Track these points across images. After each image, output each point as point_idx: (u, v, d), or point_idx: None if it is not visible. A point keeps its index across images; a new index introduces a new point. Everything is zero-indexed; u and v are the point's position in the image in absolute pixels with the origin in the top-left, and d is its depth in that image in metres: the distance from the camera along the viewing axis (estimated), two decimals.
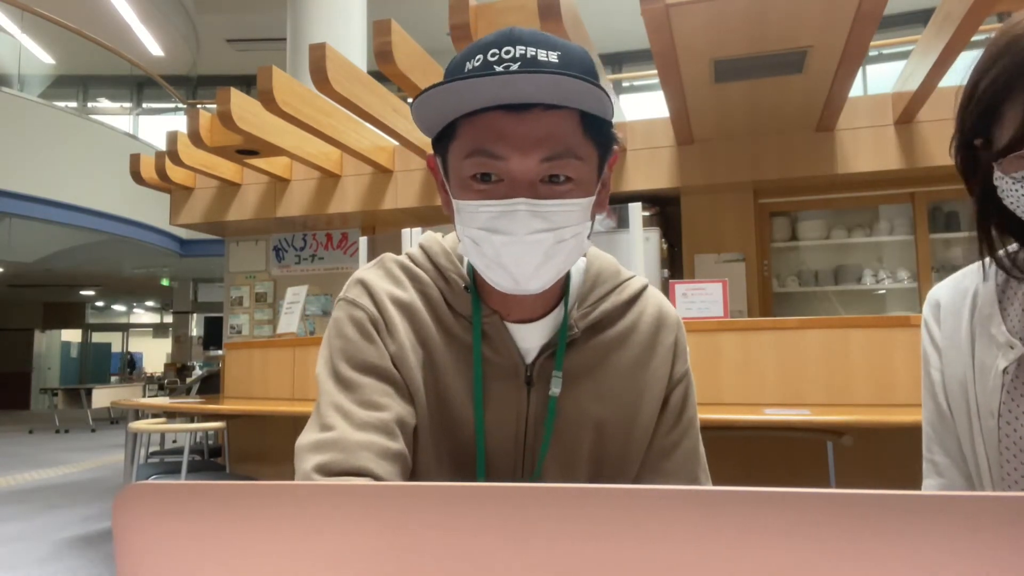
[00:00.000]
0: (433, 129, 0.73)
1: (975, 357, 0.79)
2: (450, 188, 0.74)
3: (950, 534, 0.28)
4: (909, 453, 1.10)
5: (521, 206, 0.68)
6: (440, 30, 5.61)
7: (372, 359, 0.78)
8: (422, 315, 0.81)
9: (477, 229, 0.70)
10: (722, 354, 2.92)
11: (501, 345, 0.79)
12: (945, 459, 0.82)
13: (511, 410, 0.79)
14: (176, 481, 0.35)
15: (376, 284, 0.82)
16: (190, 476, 3.54)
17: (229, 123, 4.28)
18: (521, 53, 0.68)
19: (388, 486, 0.33)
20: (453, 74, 0.71)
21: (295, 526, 0.33)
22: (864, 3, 2.93)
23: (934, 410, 0.84)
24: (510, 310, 0.79)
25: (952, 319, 0.83)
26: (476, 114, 0.69)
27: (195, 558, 0.34)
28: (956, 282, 0.86)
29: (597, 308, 0.81)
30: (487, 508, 0.31)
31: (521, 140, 0.68)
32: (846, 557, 0.28)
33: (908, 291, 5.04)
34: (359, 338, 0.79)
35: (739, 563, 0.29)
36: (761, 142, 4.74)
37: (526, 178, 0.69)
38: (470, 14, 3.19)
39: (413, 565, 0.32)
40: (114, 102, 13.09)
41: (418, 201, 5.49)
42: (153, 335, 22.96)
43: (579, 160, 0.70)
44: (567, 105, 0.68)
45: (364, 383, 0.76)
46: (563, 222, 0.70)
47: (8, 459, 7.80)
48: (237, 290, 6.66)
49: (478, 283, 0.81)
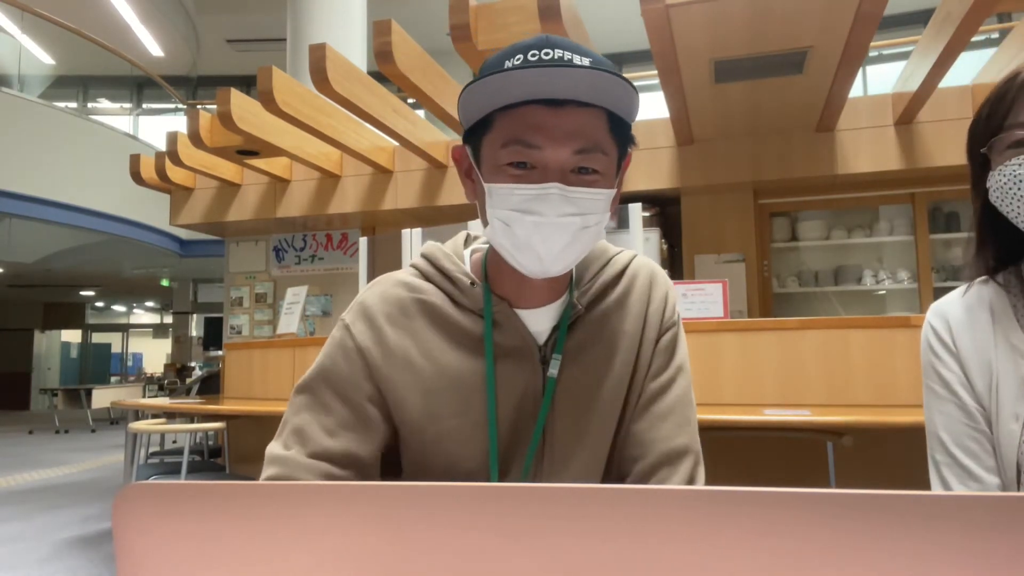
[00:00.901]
0: (470, 121, 0.80)
1: (994, 364, 0.82)
2: (481, 174, 0.79)
3: (950, 534, 0.28)
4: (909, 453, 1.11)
5: (554, 190, 0.74)
6: (440, 30, 5.61)
7: (348, 391, 0.83)
8: (424, 328, 0.85)
9: (509, 210, 0.76)
10: (722, 354, 2.92)
11: (512, 330, 0.84)
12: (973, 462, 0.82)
13: (527, 390, 0.84)
14: (176, 481, 0.35)
15: (374, 306, 0.87)
16: (190, 476, 3.54)
17: (229, 123, 4.28)
18: (559, 56, 0.75)
19: (388, 486, 0.33)
20: (492, 69, 0.76)
21: (295, 526, 0.33)
22: (864, 3, 2.93)
23: (957, 408, 0.85)
24: (520, 298, 0.85)
25: (968, 330, 0.85)
26: (513, 107, 0.76)
27: (195, 558, 0.34)
28: (960, 296, 0.89)
29: (595, 283, 0.88)
30: (487, 508, 0.31)
31: (556, 132, 0.75)
32: (846, 557, 0.28)
33: (908, 291, 5.04)
34: (344, 367, 0.84)
35: (739, 563, 0.29)
36: (761, 142, 4.74)
37: (559, 167, 0.75)
38: (470, 14, 3.19)
39: (413, 565, 0.32)
40: (114, 102, 13.08)
41: (418, 201, 5.49)
42: (153, 335, 22.95)
43: (605, 155, 0.78)
44: (598, 104, 0.76)
45: (334, 408, 0.83)
46: (590, 208, 0.76)
47: (8, 459, 7.80)
48: (237, 290, 6.66)
49: (488, 276, 0.86)
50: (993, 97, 0.84)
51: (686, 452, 0.84)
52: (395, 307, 0.86)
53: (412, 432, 0.84)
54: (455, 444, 0.83)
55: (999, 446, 0.80)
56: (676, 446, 0.84)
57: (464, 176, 0.85)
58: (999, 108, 0.82)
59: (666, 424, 0.85)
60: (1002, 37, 4.67)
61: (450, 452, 0.83)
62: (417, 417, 0.83)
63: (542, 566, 0.30)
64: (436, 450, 0.83)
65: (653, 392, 0.86)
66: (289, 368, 4.18)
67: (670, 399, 0.86)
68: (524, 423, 0.84)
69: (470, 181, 0.84)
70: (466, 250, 0.92)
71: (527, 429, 0.84)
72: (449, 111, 4.14)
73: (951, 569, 0.28)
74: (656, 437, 0.84)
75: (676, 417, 0.85)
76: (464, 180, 0.85)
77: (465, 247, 0.93)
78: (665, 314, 0.90)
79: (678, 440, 0.84)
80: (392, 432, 0.86)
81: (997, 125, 0.81)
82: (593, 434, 0.85)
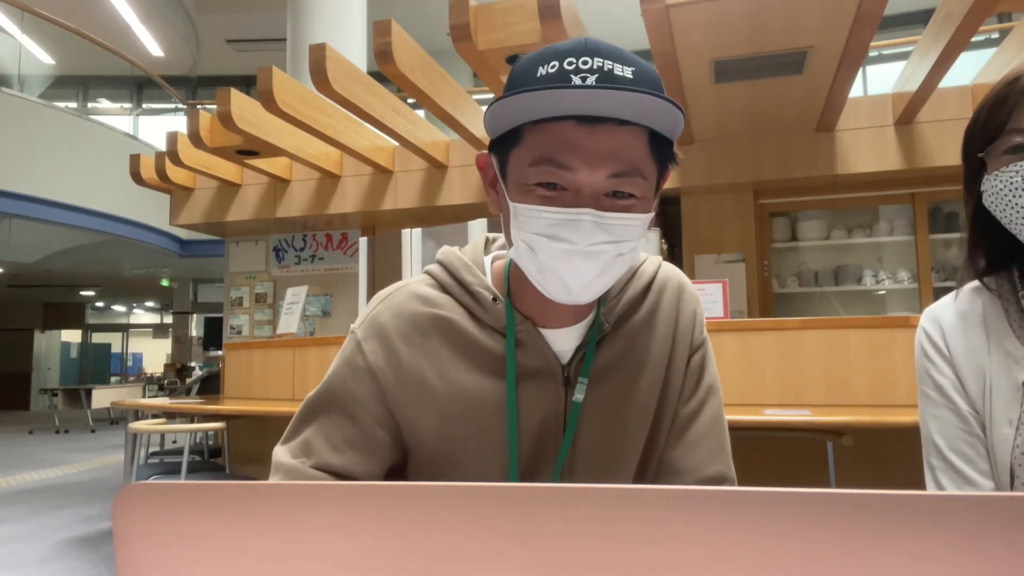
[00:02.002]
0: (498, 131, 0.73)
1: (988, 369, 0.82)
2: (507, 191, 0.73)
3: (950, 534, 0.28)
4: (909, 453, 1.11)
5: (587, 216, 0.68)
6: (440, 30, 5.61)
7: (356, 412, 0.80)
8: (440, 348, 0.81)
9: (535, 234, 0.70)
10: (722, 354, 2.92)
11: (536, 351, 0.79)
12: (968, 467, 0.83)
13: (549, 412, 0.80)
14: (176, 481, 0.35)
15: (388, 324, 0.82)
16: (190, 476, 3.54)
17: (229, 123, 4.28)
18: (599, 65, 0.67)
19: (389, 486, 0.33)
20: (523, 76, 0.71)
21: (295, 526, 0.33)
22: (864, 3, 2.93)
23: (951, 413, 0.85)
24: (545, 317, 0.80)
25: (961, 334, 0.86)
26: (545, 122, 0.69)
27: (195, 558, 0.34)
28: (953, 300, 0.89)
29: (622, 299, 0.83)
30: (487, 508, 0.31)
31: (591, 154, 0.68)
32: (846, 557, 0.28)
33: (908, 291, 5.04)
34: (354, 388, 0.81)
35: (739, 563, 0.29)
36: (761, 142, 4.74)
37: (592, 191, 0.69)
38: (470, 14, 3.19)
39: (413, 565, 0.32)
40: (114, 102, 13.09)
41: (418, 201, 5.49)
42: (153, 335, 22.95)
43: (644, 179, 0.71)
44: (639, 123, 0.69)
45: (341, 425, 0.80)
46: (625, 236, 0.70)
47: (8, 459, 7.80)
48: (237, 290, 6.66)
49: (511, 291, 0.81)
50: (992, 101, 0.82)
51: (722, 481, 0.83)
52: (410, 325, 0.81)
53: (426, 456, 0.81)
54: (472, 467, 0.80)
55: (993, 450, 0.80)
56: (710, 475, 0.82)
57: (488, 186, 0.79)
58: (998, 112, 0.81)
59: (700, 451, 0.82)
60: (1002, 37, 4.67)
61: (466, 475, 0.80)
62: (432, 440, 0.80)
63: (543, 566, 0.30)
64: (452, 473, 0.80)
65: (685, 418, 0.84)
66: (289, 368, 4.18)
67: (702, 424, 0.84)
68: (544, 446, 0.80)
69: (495, 192, 0.78)
70: (487, 256, 0.86)
71: (547, 452, 0.80)
72: (449, 111, 4.14)
73: (951, 569, 0.28)
74: (690, 466, 0.82)
75: (710, 443, 0.83)
76: (488, 190, 0.79)
77: (486, 252, 0.87)
78: (695, 333, 0.86)
79: (712, 469, 0.82)
80: (402, 454, 0.82)
81: (996, 129, 0.81)
82: (618, 459, 0.82)
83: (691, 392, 0.85)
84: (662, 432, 0.84)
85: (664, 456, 0.83)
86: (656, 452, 0.84)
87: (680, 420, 0.84)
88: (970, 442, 0.82)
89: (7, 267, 11.44)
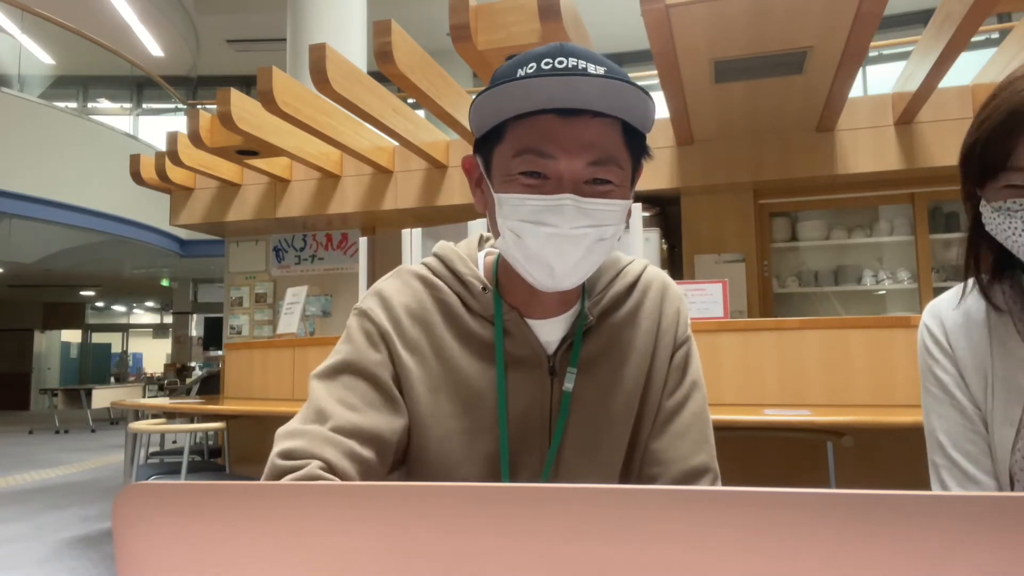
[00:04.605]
0: (482, 130, 0.78)
1: (990, 368, 0.82)
2: (492, 184, 0.78)
3: (950, 534, 0.28)
4: (909, 453, 1.11)
5: (568, 201, 0.73)
6: (440, 30, 5.62)
7: (371, 367, 0.81)
8: (438, 325, 0.84)
9: (520, 221, 0.74)
10: (722, 354, 2.92)
11: (522, 340, 0.83)
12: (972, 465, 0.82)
13: (535, 400, 0.83)
14: (176, 481, 0.35)
15: (393, 296, 0.85)
16: (190, 476, 3.54)
17: (229, 123, 4.28)
18: (573, 64, 0.73)
19: (388, 486, 0.33)
20: (504, 77, 0.74)
21: (295, 526, 0.33)
22: (864, 3, 2.93)
23: (954, 410, 0.84)
24: (531, 308, 0.84)
25: (963, 333, 0.85)
26: (526, 117, 0.74)
27: (195, 558, 0.34)
28: (956, 297, 0.89)
29: (607, 294, 0.87)
30: (487, 508, 0.31)
31: (571, 143, 0.73)
32: (846, 557, 0.28)
33: (908, 292, 5.04)
34: (366, 345, 0.82)
35: (739, 563, 0.29)
36: (761, 142, 4.74)
37: (573, 178, 0.74)
38: (470, 14, 3.19)
39: (413, 565, 0.32)
40: (114, 102, 13.08)
41: (418, 201, 5.49)
42: (153, 335, 22.95)
43: (620, 168, 0.76)
44: (613, 114, 0.74)
45: (356, 386, 0.80)
46: (605, 220, 0.75)
47: (8, 459, 7.80)
48: (237, 290, 6.66)
49: (499, 283, 0.85)
50: (994, 125, 0.76)
51: (705, 471, 0.84)
52: (412, 299, 0.85)
53: (417, 428, 0.82)
54: (456, 448, 0.81)
55: (993, 448, 0.80)
56: (695, 465, 0.84)
57: (475, 187, 0.83)
58: (999, 145, 0.75)
59: (684, 443, 0.85)
60: (1002, 37, 4.67)
61: (451, 455, 0.82)
62: (424, 413, 0.82)
63: (542, 566, 0.30)
64: (439, 450, 0.82)
65: (669, 410, 0.86)
66: (289, 368, 4.19)
67: (686, 417, 0.86)
68: (529, 434, 0.83)
69: (480, 192, 0.82)
70: (480, 252, 0.91)
71: (531, 440, 0.83)
72: (449, 111, 4.14)
73: (951, 569, 0.28)
74: (674, 456, 0.84)
75: (693, 435, 0.85)
76: (474, 191, 0.84)
77: (479, 249, 0.92)
78: (678, 330, 0.89)
79: (696, 459, 0.84)
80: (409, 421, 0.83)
81: (995, 163, 0.76)
82: (605, 448, 0.84)
83: (675, 386, 0.87)
84: (646, 424, 0.86)
85: (649, 447, 0.86)
86: (640, 444, 0.86)
87: (664, 412, 0.86)
88: (974, 440, 0.82)
89: (7, 267, 11.43)
